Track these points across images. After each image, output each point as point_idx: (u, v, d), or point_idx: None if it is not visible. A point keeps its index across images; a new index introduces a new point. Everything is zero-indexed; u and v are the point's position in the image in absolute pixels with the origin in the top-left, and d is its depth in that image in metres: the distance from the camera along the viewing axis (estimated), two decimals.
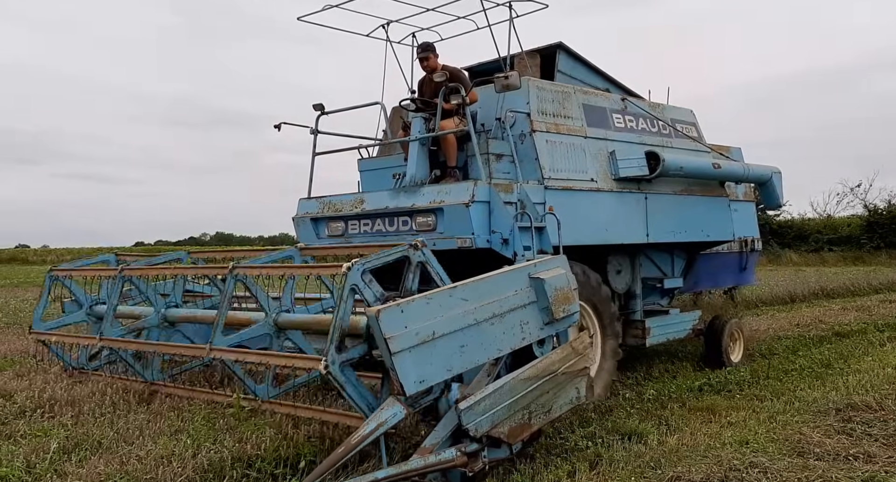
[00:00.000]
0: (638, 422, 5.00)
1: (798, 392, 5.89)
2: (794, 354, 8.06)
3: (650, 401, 5.79)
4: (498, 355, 3.71)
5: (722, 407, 5.44)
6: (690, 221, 7.02)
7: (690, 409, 5.43)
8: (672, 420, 5.10)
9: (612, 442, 4.50)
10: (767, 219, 29.72)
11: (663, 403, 5.69)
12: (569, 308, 4.06)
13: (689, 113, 7.62)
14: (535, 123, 5.64)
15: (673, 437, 4.57)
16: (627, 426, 4.86)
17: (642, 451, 4.27)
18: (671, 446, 4.35)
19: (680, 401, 5.73)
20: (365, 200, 5.54)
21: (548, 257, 4.32)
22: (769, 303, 13.50)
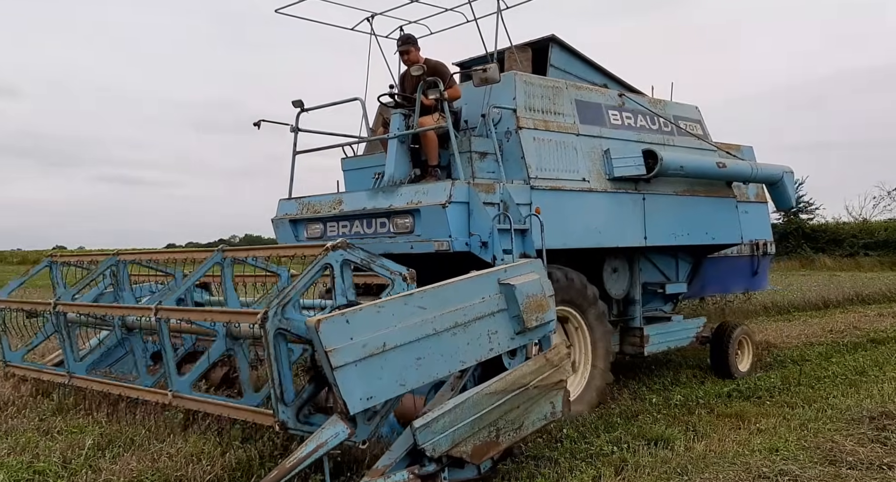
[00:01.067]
0: (664, 427, 4.93)
1: (831, 399, 5.78)
2: (828, 361, 7.83)
3: (677, 406, 5.71)
4: (462, 368, 3.46)
5: (751, 413, 5.34)
6: (693, 223, 6.69)
7: (719, 415, 5.35)
8: (700, 426, 5.02)
9: (637, 447, 4.45)
10: (800, 222, 29.08)
11: (691, 409, 5.61)
12: (543, 316, 3.79)
13: (694, 109, 7.28)
14: (521, 120, 5.37)
15: (700, 443, 4.52)
16: (654, 431, 4.78)
17: (669, 457, 4.22)
18: (698, 452, 4.30)
19: (708, 407, 5.65)
20: (343, 201, 5.32)
21: (521, 261, 4.05)
22: (801, 308, 13.19)
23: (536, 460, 4.32)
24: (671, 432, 4.77)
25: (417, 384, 3.21)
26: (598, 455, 4.35)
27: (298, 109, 5.53)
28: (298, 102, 5.46)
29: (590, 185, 5.77)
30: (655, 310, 7.26)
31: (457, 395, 3.40)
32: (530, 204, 5.23)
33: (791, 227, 29.03)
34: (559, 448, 4.52)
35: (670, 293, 7.06)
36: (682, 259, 7.54)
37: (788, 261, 26.13)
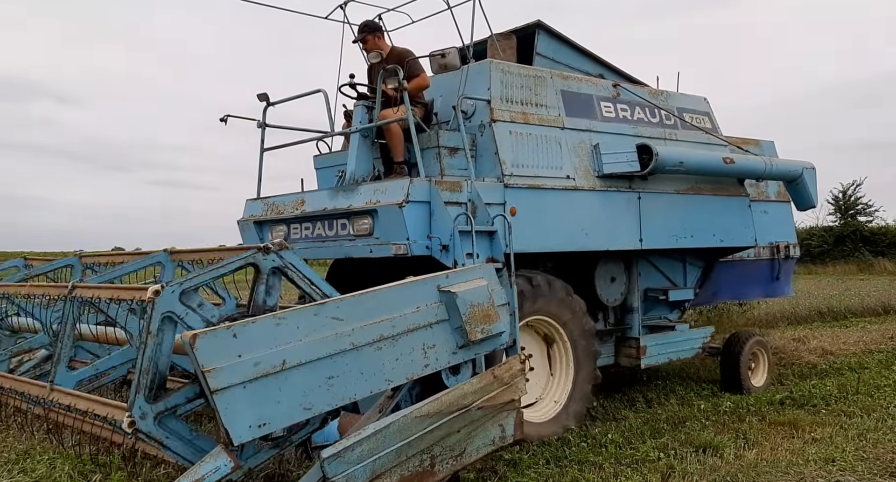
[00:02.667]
0: (713, 434, 4.81)
1: (891, 409, 5.57)
2: (888, 369, 7.47)
3: (727, 413, 5.53)
4: (388, 387, 3.07)
5: (805, 422, 5.17)
6: (698, 224, 6.14)
7: (771, 424, 5.18)
8: (750, 434, 4.85)
9: (685, 454, 4.35)
10: (858, 225, 27.67)
11: (741, 416, 5.44)
12: (491, 328, 3.37)
13: (702, 101, 6.72)
14: (495, 112, 4.94)
15: (751, 452, 4.39)
16: (702, 438, 4.67)
17: (718, 465, 4.13)
18: (749, 461, 4.19)
19: (759, 415, 5.46)
20: (306, 201, 4.99)
21: (469, 266, 3.64)
22: (860, 314, 12.50)
23: (580, 464, 4.24)
24: (720, 439, 4.62)
25: (329, 406, 2.82)
26: (643, 461, 4.24)
27: (264, 103, 5.22)
28: (263, 96, 5.14)
29: (575, 182, 5.30)
30: (659, 318, 6.73)
31: (381, 419, 3.01)
32: (504, 203, 4.80)
33: (848, 229, 27.63)
34: (603, 452, 4.44)
35: (674, 300, 6.52)
36: (691, 263, 6.97)
37: (845, 265, 24.84)
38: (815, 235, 28.55)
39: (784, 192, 7.71)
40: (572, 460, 4.31)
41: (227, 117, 5.31)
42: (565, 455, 4.42)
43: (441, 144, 4.78)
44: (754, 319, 11.34)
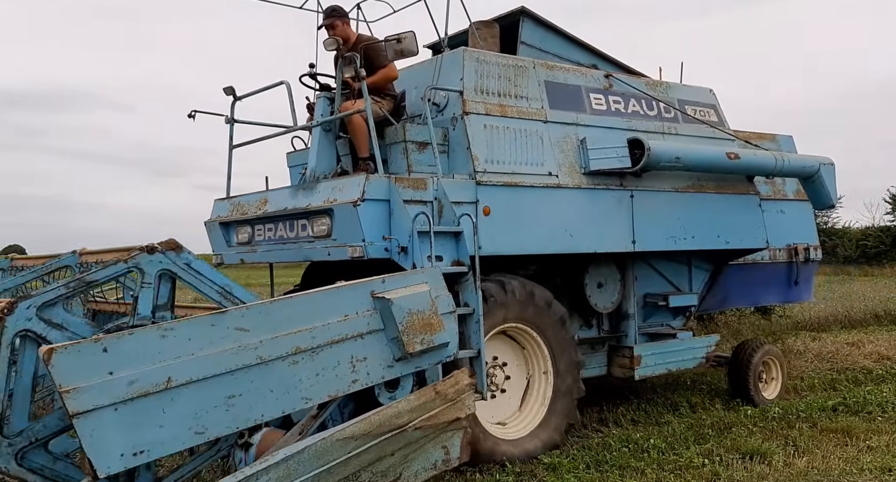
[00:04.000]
0: (761, 441, 4.63)
1: None
2: None
3: (775, 419, 5.30)
4: (306, 406, 2.70)
5: (860, 429, 4.94)
6: (700, 225, 5.62)
7: (822, 431, 4.95)
8: (801, 441, 4.66)
9: (731, 461, 4.21)
10: None
11: (790, 423, 5.20)
12: (433, 338, 2.97)
13: (707, 93, 6.19)
14: (468, 104, 4.53)
15: (801, 460, 4.23)
16: (749, 445, 4.50)
17: (766, 472, 4.00)
18: (799, 469, 4.05)
19: (810, 422, 5.22)
20: (268, 201, 4.67)
21: (411, 270, 3.26)
22: None
23: (622, 469, 4.11)
24: (769, 446, 4.45)
25: (229, 429, 2.46)
26: (687, 467, 4.11)
27: (231, 97, 4.92)
28: (229, 89, 4.84)
29: (558, 180, 4.86)
30: (661, 325, 6.23)
31: (296, 442, 2.65)
32: (476, 202, 4.40)
33: None
34: (645, 458, 4.30)
35: (675, 306, 6.01)
36: (698, 266, 6.44)
37: None
38: (871, 236, 27.12)
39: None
40: (613, 465, 4.19)
41: (194, 113, 5.02)
42: (606, 459, 4.29)
43: (408, 139, 4.40)
44: (804, 323, 10.73)
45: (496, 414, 4.49)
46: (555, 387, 4.54)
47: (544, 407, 4.48)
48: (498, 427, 4.40)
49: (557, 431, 4.54)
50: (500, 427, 4.42)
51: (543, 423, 4.47)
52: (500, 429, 4.40)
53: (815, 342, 9.17)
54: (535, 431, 4.44)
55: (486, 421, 4.38)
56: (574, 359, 4.65)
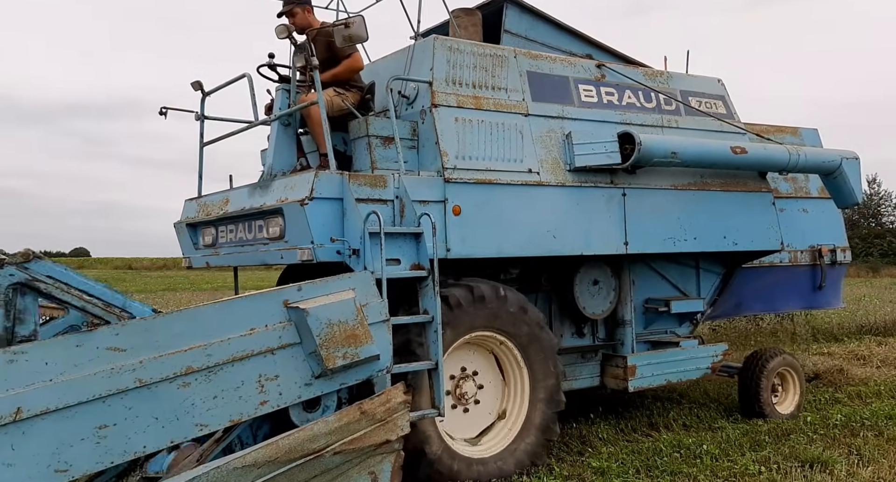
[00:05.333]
0: (822, 449, 4.41)
1: None
2: None
3: (837, 427, 5.04)
4: (200, 433, 2.36)
5: None
6: (703, 225, 5.09)
7: (889, 439, 4.70)
8: (865, 449, 4.43)
9: (789, 469, 4.03)
10: None
11: (854, 430, 4.94)
12: (357, 351, 2.60)
13: (715, 83, 5.63)
14: (437, 95, 4.14)
15: (866, 469, 4.02)
16: (809, 453, 4.29)
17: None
18: (864, 479, 3.86)
19: (875, 430, 4.95)
20: (230, 200, 4.38)
21: (335, 277, 2.90)
22: None
23: (673, 475, 3.97)
24: (830, 455, 4.24)
25: (101, 465, 2.13)
26: (742, 474, 3.93)
27: (200, 93, 4.65)
28: (197, 84, 4.56)
29: (540, 177, 4.42)
30: (665, 332, 5.71)
31: (191, 470, 2.33)
32: (444, 201, 4.01)
33: None
34: (698, 464, 4.14)
35: (678, 312, 5.48)
36: (706, 269, 5.89)
37: None
38: None
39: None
40: (664, 470, 4.04)
41: (166, 110, 4.78)
42: (656, 465, 4.13)
43: (371, 133, 4.04)
44: (869, 327, 10.04)
45: (469, 430, 4.09)
46: (531, 399, 4.11)
47: (519, 422, 4.06)
48: (467, 445, 4.00)
49: (535, 447, 4.10)
50: (470, 445, 4.02)
51: (519, 439, 4.04)
52: (471, 447, 4.00)
53: (880, 347, 8.55)
54: (510, 448, 4.01)
55: (456, 438, 3.99)
56: (554, 369, 4.21)
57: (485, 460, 3.94)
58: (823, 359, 7.85)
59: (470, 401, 4.07)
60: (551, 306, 5.01)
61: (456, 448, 3.86)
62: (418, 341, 3.60)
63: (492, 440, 4.04)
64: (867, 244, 27.83)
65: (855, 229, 30.51)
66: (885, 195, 31.43)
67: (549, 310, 5.00)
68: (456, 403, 4.02)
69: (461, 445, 3.97)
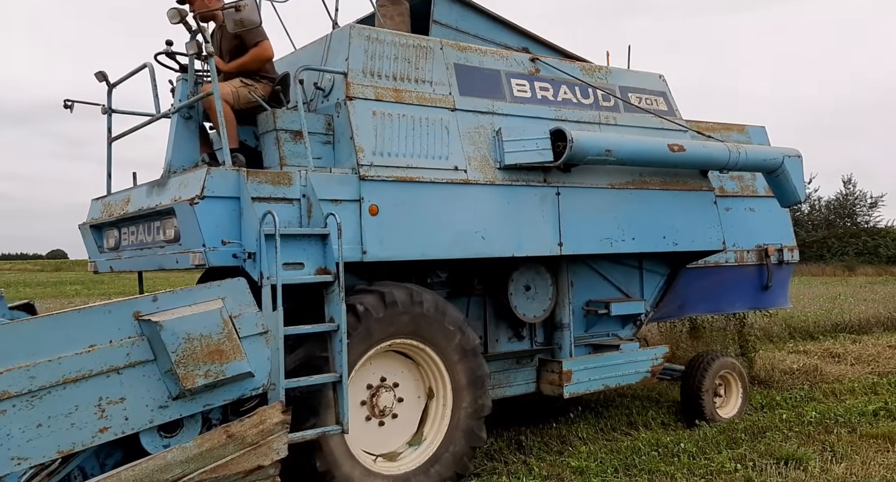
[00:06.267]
0: (797, 446, 4.41)
1: None
2: None
3: (812, 424, 5.01)
4: (17, 468, 2.00)
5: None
6: (642, 225, 4.82)
7: (862, 436, 4.68)
8: (839, 446, 4.41)
9: (764, 466, 4.00)
10: None
11: (828, 427, 4.91)
12: (223, 369, 2.27)
13: (656, 79, 5.38)
14: (352, 87, 3.80)
15: (839, 466, 3.99)
16: (784, 450, 4.27)
17: (801, 479, 3.81)
18: (837, 475, 3.84)
19: (849, 427, 4.93)
20: (131, 200, 4.00)
21: (201, 285, 2.56)
22: None
23: (651, 474, 3.92)
24: (805, 452, 4.22)
25: None
26: (718, 472, 3.90)
27: (106, 85, 4.23)
28: (101, 75, 4.15)
29: (467, 175, 4.11)
30: (606, 335, 5.45)
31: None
32: (359, 200, 3.67)
33: None
34: (676, 462, 4.10)
35: (619, 314, 5.22)
36: (650, 269, 5.63)
37: None
38: None
39: None
40: (642, 469, 3.99)
41: (71, 103, 4.36)
42: (635, 464, 4.08)
43: (279, 127, 3.69)
44: (844, 325, 10.03)
45: (387, 444, 3.76)
46: (454, 408, 3.78)
47: (441, 432, 3.74)
48: (384, 461, 3.67)
49: (459, 459, 3.78)
50: (387, 461, 3.69)
51: (441, 450, 3.71)
52: (388, 463, 3.67)
53: (855, 345, 8.48)
54: (431, 462, 3.69)
55: (375, 454, 3.66)
56: (478, 374, 3.90)
57: (402, 476, 3.61)
58: (799, 358, 7.77)
59: (389, 414, 3.74)
60: (486, 310, 4.70)
61: (372, 466, 3.53)
62: (323, 352, 3.26)
63: (413, 454, 3.71)
64: (843, 243, 27.90)
65: (831, 228, 30.77)
66: (861, 195, 31.79)
67: (484, 315, 4.69)
68: (373, 416, 3.69)
69: (379, 462, 3.64)
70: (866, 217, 30.89)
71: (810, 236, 30.57)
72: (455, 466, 3.74)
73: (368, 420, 3.64)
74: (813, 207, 32.96)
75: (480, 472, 4.02)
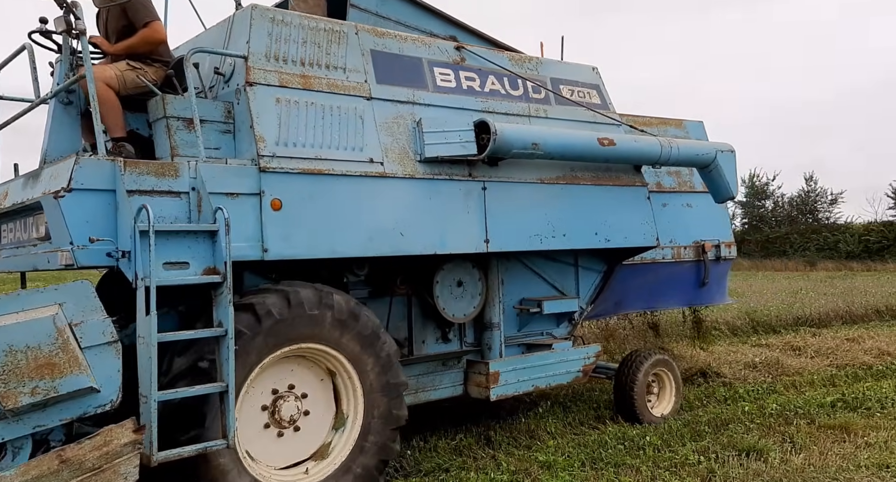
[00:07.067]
0: (758, 438, 4.43)
1: None
2: None
3: (773, 415, 5.02)
4: None
5: (858, 425, 4.68)
6: (573, 221, 4.59)
7: (820, 427, 4.70)
8: (798, 437, 4.44)
9: (727, 458, 4.02)
10: None
11: (788, 419, 4.93)
12: (55, 385, 1.94)
13: (589, 71, 5.17)
14: (253, 72, 3.45)
15: (798, 456, 4.04)
16: (746, 442, 4.28)
17: (762, 469, 3.82)
18: (796, 466, 3.88)
19: (808, 418, 4.95)
20: (9, 193, 3.57)
21: (31, 290, 2.21)
22: None
23: (617, 467, 3.91)
24: (765, 443, 4.26)
25: None
26: (682, 464, 3.93)
27: None
28: None
29: (384, 168, 3.81)
30: (541, 334, 5.23)
31: None
32: (259, 193, 3.33)
33: None
34: (641, 455, 4.10)
35: (552, 313, 5.00)
36: (586, 266, 5.43)
37: None
38: (874, 231, 25.96)
39: None
40: (608, 462, 3.98)
41: None
42: (601, 457, 4.07)
43: (169, 114, 3.32)
44: (805, 318, 10.09)
45: (291, 456, 3.42)
46: (365, 417, 3.49)
47: (349, 444, 3.43)
48: (285, 474, 3.35)
49: (369, 470, 3.49)
50: (291, 474, 3.37)
51: (349, 462, 3.41)
52: (292, 476, 3.35)
53: (815, 338, 8.51)
54: (338, 473, 3.39)
55: (276, 468, 3.33)
56: (393, 382, 3.61)
57: None
58: (762, 351, 7.75)
59: (293, 424, 3.40)
60: (411, 310, 4.40)
61: (269, 479, 3.21)
62: (210, 359, 2.92)
63: (318, 465, 3.40)
64: (805, 239, 28.39)
65: (793, 225, 31.31)
66: (821, 192, 32.47)
67: (409, 315, 4.39)
68: (274, 426, 3.36)
69: (281, 476, 3.31)
70: (827, 213, 31.58)
71: (774, 232, 31.01)
72: (366, 477, 3.44)
73: (267, 428, 3.31)
74: (776, 204, 33.55)
75: (449, 468, 3.92)
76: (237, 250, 3.15)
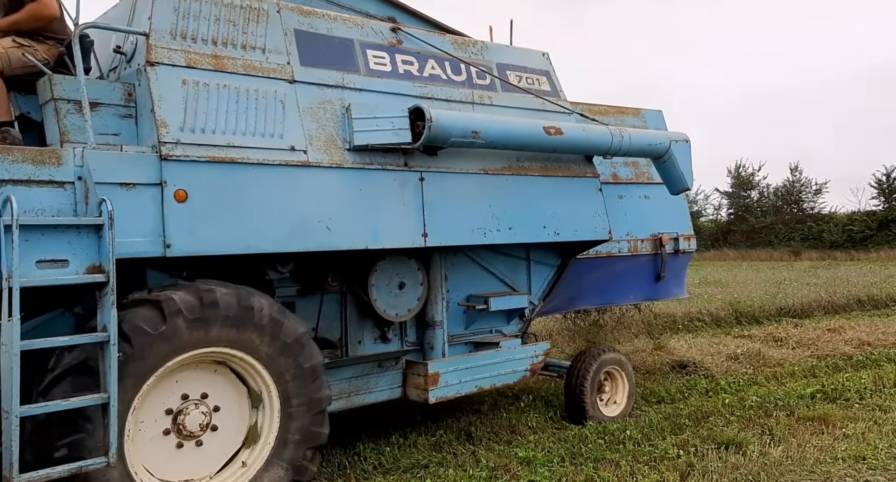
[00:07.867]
0: (737, 430, 4.38)
1: None
2: None
3: (753, 408, 4.94)
4: None
5: (837, 417, 4.62)
6: (519, 214, 4.30)
7: (799, 419, 4.64)
8: (777, 430, 4.39)
9: (706, 451, 3.98)
10: None
11: (768, 411, 4.86)
12: None
13: (539, 57, 4.86)
14: (155, 50, 3.09)
15: (777, 449, 4.00)
16: (725, 435, 4.24)
17: (741, 463, 3.77)
18: (774, 458, 3.83)
19: (787, 410, 4.88)
20: None
21: None
22: None
23: (596, 462, 3.86)
24: (744, 436, 4.20)
25: None
26: (662, 458, 3.86)
27: None
28: None
29: (307, 157, 3.47)
30: (490, 332, 4.95)
31: None
32: (161, 184, 2.98)
33: (893, 214, 24.76)
34: (621, 449, 4.04)
35: (500, 309, 4.73)
36: (539, 261, 5.14)
37: (890, 251, 21.98)
38: (857, 220, 25.82)
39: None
40: (588, 457, 3.92)
41: None
42: (581, 452, 4.00)
43: (57, 96, 2.95)
44: (787, 309, 9.96)
45: (199, 469, 3.10)
46: (282, 431, 3.16)
47: (259, 461, 3.11)
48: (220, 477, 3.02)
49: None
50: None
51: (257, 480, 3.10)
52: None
53: (796, 329, 8.38)
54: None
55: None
56: (317, 395, 3.27)
57: None
58: (744, 342, 7.61)
59: (196, 437, 3.07)
60: (345, 308, 4.08)
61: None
62: (92, 367, 2.58)
63: (227, 480, 3.08)
64: (790, 229, 28.39)
65: (779, 215, 31.36)
66: (806, 182, 32.56)
67: (343, 313, 4.07)
68: (176, 437, 3.03)
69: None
70: (811, 203, 31.68)
71: (759, 222, 31.01)
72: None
73: (167, 434, 2.98)
74: (762, 194, 33.59)
75: (428, 464, 3.83)
76: (134, 246, 2.80)
